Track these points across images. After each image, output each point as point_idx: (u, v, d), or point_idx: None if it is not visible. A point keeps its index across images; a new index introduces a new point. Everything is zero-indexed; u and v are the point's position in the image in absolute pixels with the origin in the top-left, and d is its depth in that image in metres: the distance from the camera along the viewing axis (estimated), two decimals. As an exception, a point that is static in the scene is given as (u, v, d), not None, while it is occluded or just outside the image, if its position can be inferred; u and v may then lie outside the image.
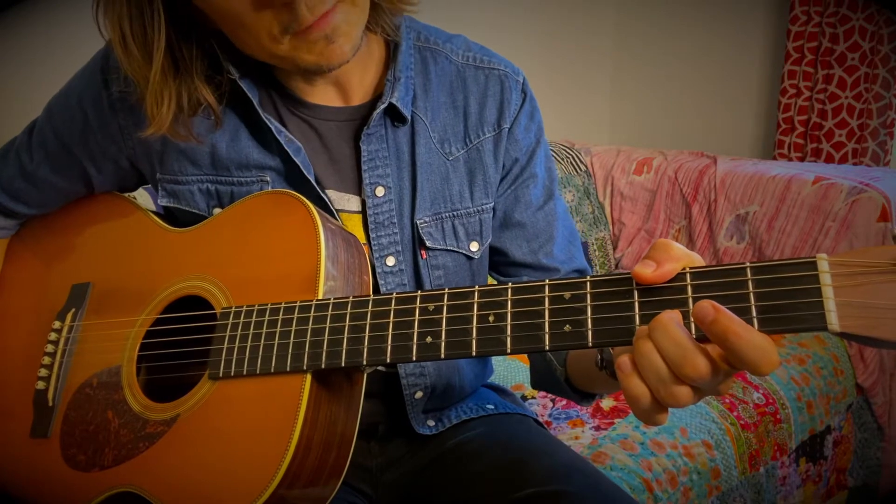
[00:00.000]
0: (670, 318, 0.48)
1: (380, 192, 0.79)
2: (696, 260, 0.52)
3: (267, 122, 0.75)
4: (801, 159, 2.30)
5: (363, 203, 0.79)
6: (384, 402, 0.86)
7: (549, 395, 1.48)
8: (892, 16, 2.06)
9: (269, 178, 0.78)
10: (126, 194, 0.89)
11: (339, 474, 0.67)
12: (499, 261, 0.89)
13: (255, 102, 0.75)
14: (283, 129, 0.76)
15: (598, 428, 1.35)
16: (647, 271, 0.50)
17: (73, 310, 0.80)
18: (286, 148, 0.75)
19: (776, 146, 2.35)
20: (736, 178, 2.00)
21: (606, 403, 1.44)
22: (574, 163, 2.28)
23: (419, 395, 0.85)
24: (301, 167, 0.75)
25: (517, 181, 0.86)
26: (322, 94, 0.78)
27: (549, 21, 2.58)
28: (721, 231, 2.02)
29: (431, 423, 0.87)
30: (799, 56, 2.24)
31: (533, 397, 1.48)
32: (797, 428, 1.55)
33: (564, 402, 1.45)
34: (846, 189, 1.76)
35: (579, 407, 1.42)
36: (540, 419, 0.96)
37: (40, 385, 0.78)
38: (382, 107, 0.76)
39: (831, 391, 1.66)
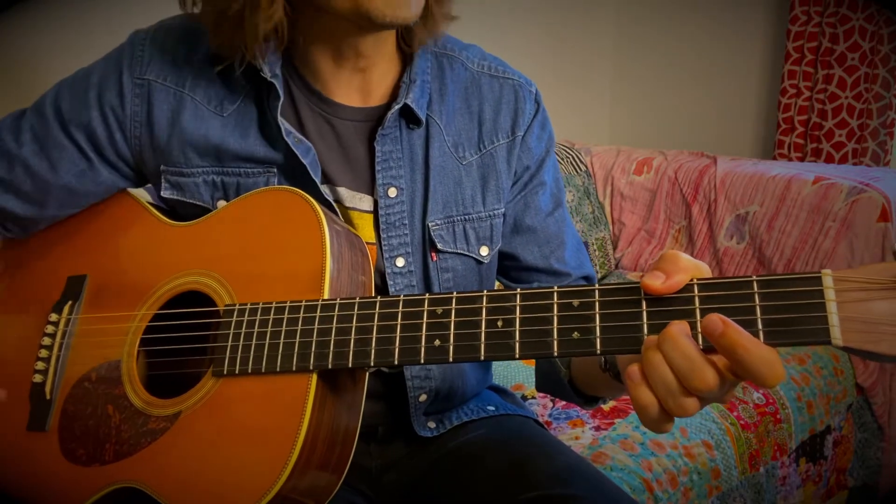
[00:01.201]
0: (680, 331, 0.49)
1: (392, 192, 0.79)
2: (704, 270, 0.53)
3: (281, 123, 0.75)
4: (801, 159, 2.30)
5: (375, 203, 0.80)
6: (386, 403, 0.86)
7: (550, 395, 1.48)
8: (892, 16, 2.06)
9: (275, 171, 0.78)
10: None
11: (343, 469, 0.67)
12: (510, 266, 0.90)
13: (279, 102, 0.75)
14: (292, 130, 0.76)
15: (598, 428, 1.35)
16: (656, 283, 0.51)
17: (71, 302, 0.79)
18: (294, 150, 0.75)
19: (776, 146, 2.35)
20: (736, 178, 2.00)
21: (606, 404, 1.44)
22: (574, 163, 2.28)
23: (423, 397, 0.85)
24: (308, 168, 0.75)
25: (527, 188, 0.87)
26: (344, 92, 0.79)
27: (550, 21, 2.58)
28: (721, 231, 2.02)
29: (432, 424, 0.87)
30: (799, 56, 2.24)
31: (533, 397, 1.48)
32: (797, 428, 1.55)
33: (564, 401, 1.45)
34: (846, 189, 1.76)
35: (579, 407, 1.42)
36: (540, 419, 0.97)
37: (37, 378, 0.76)
38: (398, 107, 0.77)
39: (831, 391, 1.66)
